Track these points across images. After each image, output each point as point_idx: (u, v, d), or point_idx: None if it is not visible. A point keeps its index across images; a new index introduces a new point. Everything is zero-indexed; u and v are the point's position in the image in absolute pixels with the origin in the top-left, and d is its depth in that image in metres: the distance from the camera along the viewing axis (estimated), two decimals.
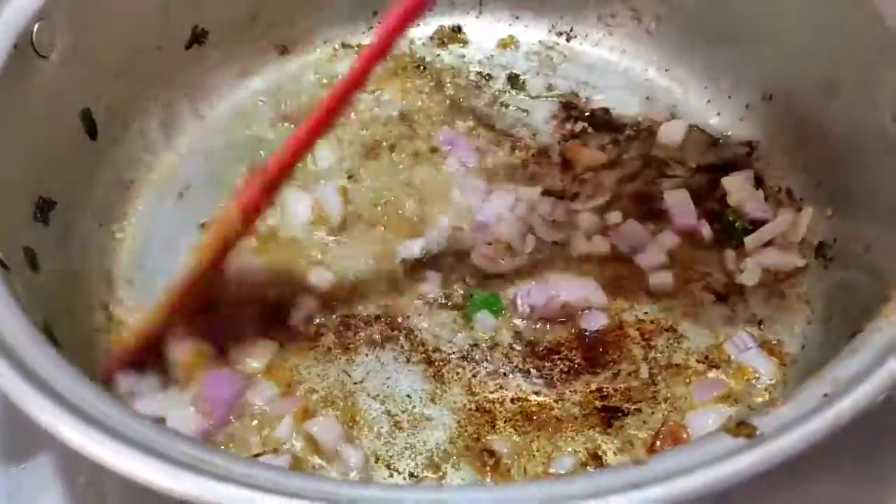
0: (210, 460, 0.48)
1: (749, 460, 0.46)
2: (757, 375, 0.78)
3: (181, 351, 0.75)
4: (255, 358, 0.79)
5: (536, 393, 0.78)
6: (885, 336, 0.53)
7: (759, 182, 0.92)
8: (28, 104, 0.77)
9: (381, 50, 0.70)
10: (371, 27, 1.07)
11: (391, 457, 0.74)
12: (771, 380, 0.77)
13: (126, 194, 0.91)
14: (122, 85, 0.89)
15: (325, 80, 1.03)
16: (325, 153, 0.96)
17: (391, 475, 0.73)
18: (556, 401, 0.78)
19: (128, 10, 0.87)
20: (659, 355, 0.80)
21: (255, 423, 0.75)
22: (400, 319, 0.83)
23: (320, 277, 0.86)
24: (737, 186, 0.90)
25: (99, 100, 0.87)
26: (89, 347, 0.77)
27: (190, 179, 0.94)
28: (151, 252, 0.88)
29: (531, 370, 0.80)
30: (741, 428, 0.49)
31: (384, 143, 0.98)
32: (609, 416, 0.77)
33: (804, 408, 0.49)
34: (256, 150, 0.96)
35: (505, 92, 1.02)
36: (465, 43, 1.07)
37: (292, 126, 0.96)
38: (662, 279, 0.85)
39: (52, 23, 0.78)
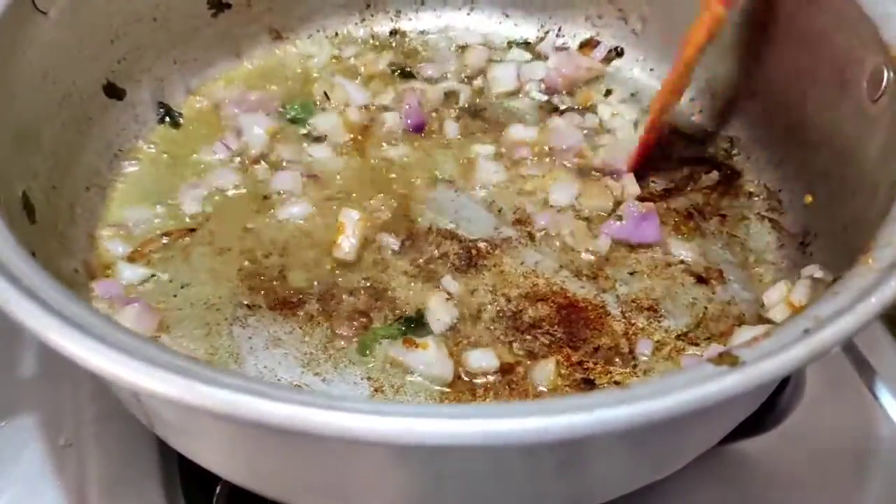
0: (197, 370, 0.47)
1: (731, 381, 0.47)
2: None
3: None
4: None
5: (518, 364, 0.78)
6: (864, 279, 0.54)
7: (737, 176, 0.94)
8: (24, 57, 0.77)
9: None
10: (364, 19, 1.09)
11: None
12: None
13: (114, 161, 0.91)
14: (117, 52, 0.90)
15: (314, 68, 1.05)
16: (323, 125, 0.97)
17: None
18: (535, 372, 0.78)
19: None
20: (639, 332, 0.81)
21: None
22: (383, 290, 0.83)
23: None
24: None
25: (93, 64, 0.88)
26: None
27: (176, 151, 0.94)
28: (135, 216, 0.88)
29: (513, 343, 0.80)
30: (724, 358, 0.50)
31: (373, 128, 0.99)
32: (589, 388, 0.77)
33: (786, 340, 0.50)
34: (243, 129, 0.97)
35: (494, 84, 1.04)
36: (455, 37, 1.09)
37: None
38: None
39: None
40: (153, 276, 0.84)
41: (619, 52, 1.06)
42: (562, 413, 0.45)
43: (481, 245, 0.88)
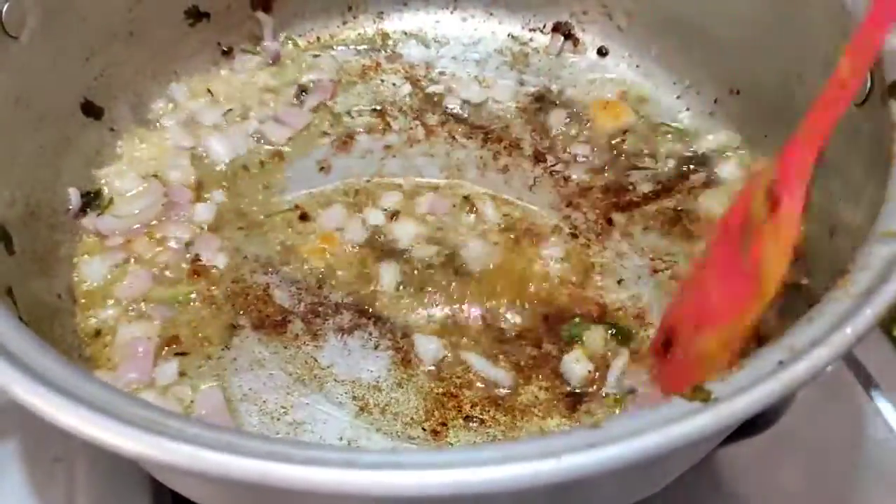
0: (164, 421, 0.47)
1: (702, 421, 0.46)
2: None
3: None
4: None
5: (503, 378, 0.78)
6: (840, 306, 0.53)
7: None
8: None
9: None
10: (346, 21, 1.08)
11: (358, 440, 0.74)
12: None
13: (93, 180, 0.90)
14: (93, 70, 0.89)
15: (296, 73, 1.04)
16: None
17: None
18: (522, 386, 0.78)
19: None
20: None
21: None
22: (368, 307, 0.83)
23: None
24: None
25: (68, 84, 0.87)
26: (50, 329, 0.76)
27: (158, 167, 0.93)
28: (116, 238, 0.87)
29: (499, 355, 0.80)
30: (696, 393, 0.49)
31: (356, 136, 0.98)
32: (574, 401, 0.77)
33: (759, 373, 0.50)
34: (227, 136, 0.96)
35: (478, 85, 1.03)
36: (439, 37, 1.08)
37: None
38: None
39: (22, 3, 0.78)
40: None
41: (604, 52, 1.04)
42: (530, 460, 0.45)
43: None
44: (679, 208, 0.91)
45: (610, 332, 0.80)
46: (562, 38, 1.05)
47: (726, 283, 0.63)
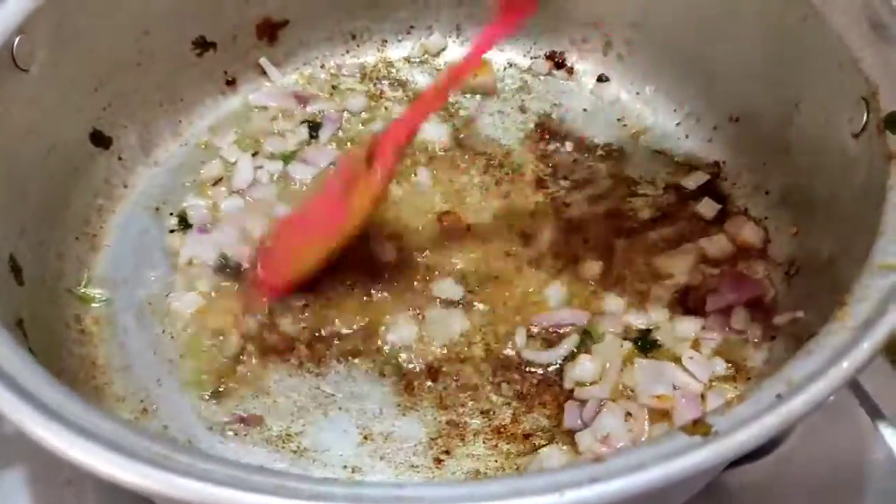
0: (172, 456, 0.48)
1: (703, 455, 0.47)
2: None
3: None
4: None
5: (507, 405, 0.79)
6: (838, 339, 0.54)
7: (724, 201, 0.94)
8: (6, 115, 0.77)
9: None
10: (349, 50, 1.09)
11: (362, 468, 0.75)
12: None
13: (102, 209, 0.91)
14: (101, 100, 0.90)
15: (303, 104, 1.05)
16: (302, 168, 0.98)
17: None
18: (525, 413, 0.78)
19: (107, 26, 0.88)
20: (629, 366, 0.81)
21: None
22: (374, 332, 0.84)
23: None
24: None
25: (77, 115, 0.88)
26: (59, 358, 0.78)
27: (166, 195, 0.95)
28: (126, 266, 0.89)
29: (502, 383, 0.81)
30: (697, 426, 0.50)
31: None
32: (577, 430, 0.77)
33: (758, 406, 0.50)
34: (233, 168, 0.97)
35: (480, 113, 1.04)
36: (442, 65, 1.09)
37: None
38: None
39: (32, 37, 0.79)
40: None
41: (604, 79, 1.06)
42: (532, 495, 0.45)
43: (472, 279, 0.88)
44: (677, 234, 0.92)
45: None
46: (554, 66, 1.07)
47: (328, 214, 0.83)
